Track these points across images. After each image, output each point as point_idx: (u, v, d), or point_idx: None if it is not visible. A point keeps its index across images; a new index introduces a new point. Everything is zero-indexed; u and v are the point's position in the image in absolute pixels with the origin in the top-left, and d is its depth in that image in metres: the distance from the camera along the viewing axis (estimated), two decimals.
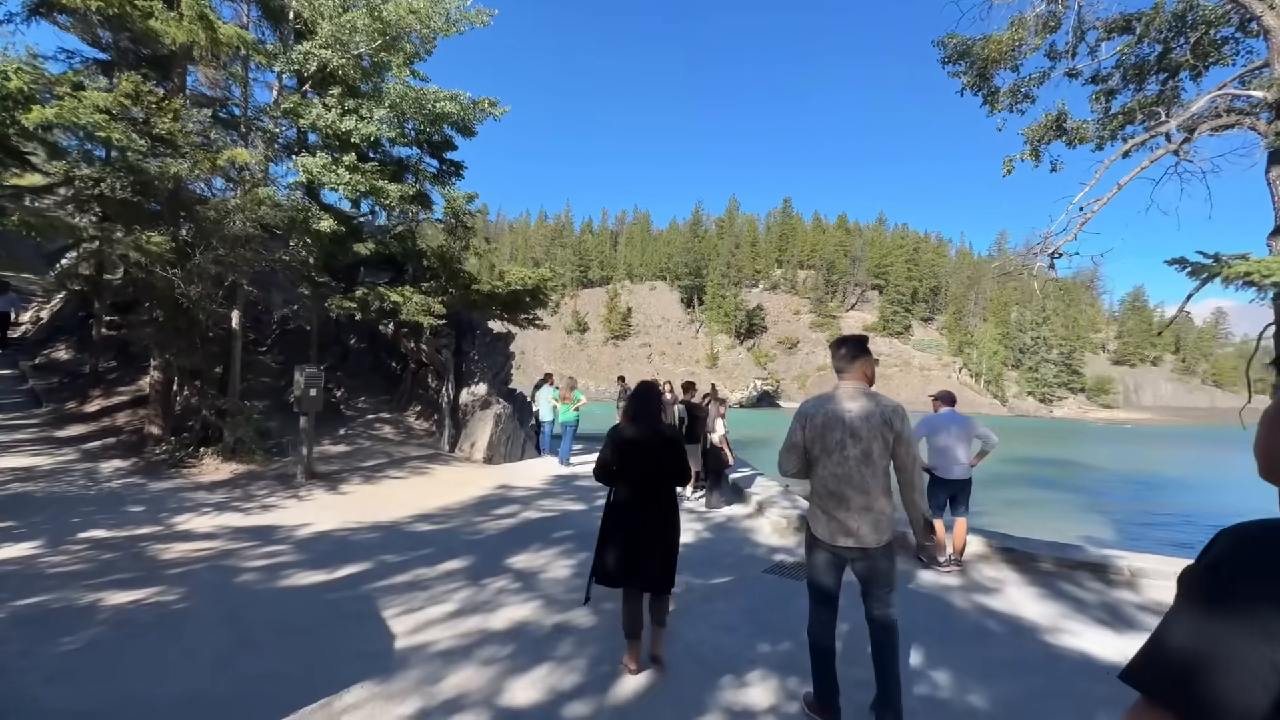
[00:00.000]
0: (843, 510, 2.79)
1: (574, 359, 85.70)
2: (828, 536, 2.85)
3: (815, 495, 2.93)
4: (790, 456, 2.98)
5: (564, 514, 7.58)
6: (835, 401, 2.90)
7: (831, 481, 2.82)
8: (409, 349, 12.28)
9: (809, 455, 2.92)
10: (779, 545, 6.84)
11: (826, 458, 2.84)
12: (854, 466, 2.79)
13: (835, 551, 2.87)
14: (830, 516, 2.83)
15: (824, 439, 2.85)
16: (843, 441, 2.81)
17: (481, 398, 11.72)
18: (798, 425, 2.93)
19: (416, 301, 10.17)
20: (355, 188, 8.98)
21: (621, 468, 3.36)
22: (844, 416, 2.84)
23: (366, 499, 7.66)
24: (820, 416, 2.88)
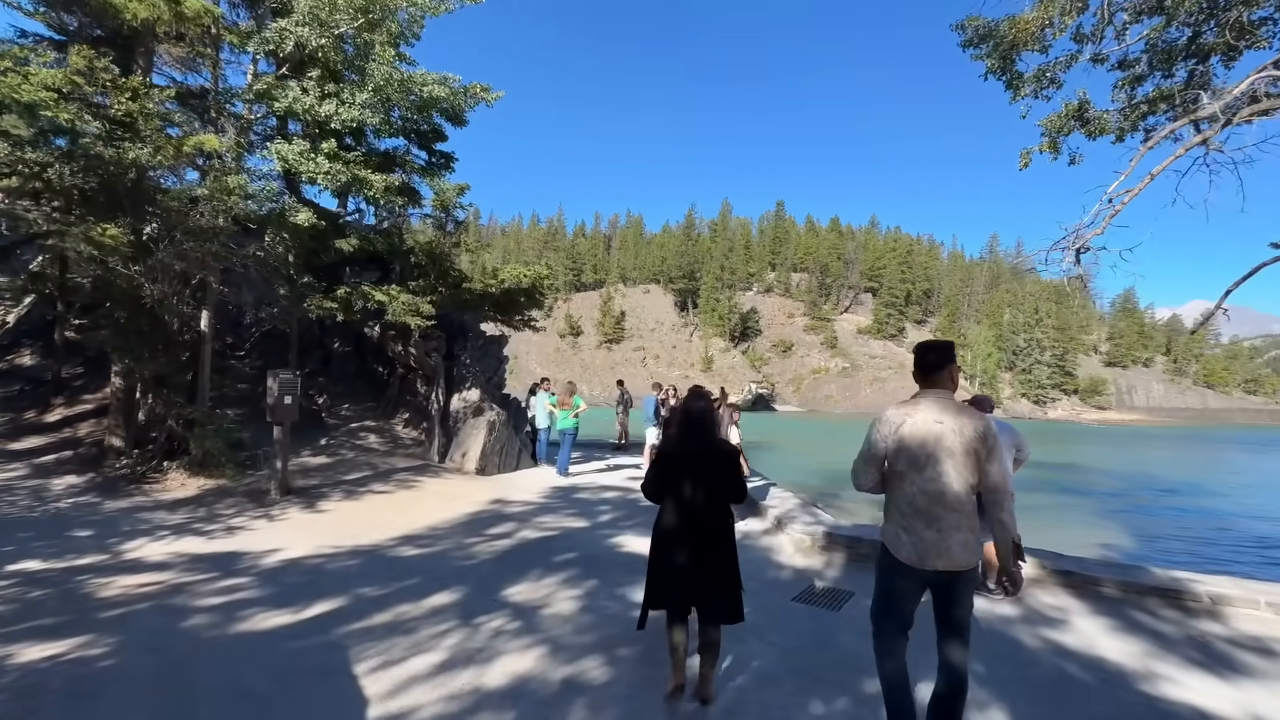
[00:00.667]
0: (933, 530, 2.55)
1: (567, 363, 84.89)
2: (915, 559, 2.57)
3: (897, 514, 2.65)
4: (869, 469, 2.72)
5: (565, 533, 6.88)
6: (924, 411, 2.62)
7: (921, 499, 2.56)
8: (396, 353, 11.55)
9: (890, 469, 2.67)
10: (804, 567, 6.18)
11: (916, 472, 2.57)
12: (948, 482, 2.53)
13: (921, 576, 2.60)
14: (919, 537, 2.57)
15: (912, 452, 2.58)
16: (935, 455, 2.55)
17: (474, 404, 11.00)
18: (878, 436, 2.66)
19: (403, 301, 9.46)
20: (336, 178, 8.27)
21: (671, 485, 3.13)
22: (936, 428, 2.57)
23: (346, 518, 6.93)
24: (907, 427, 2.61)
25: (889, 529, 2.70)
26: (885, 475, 2.71)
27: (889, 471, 2.68)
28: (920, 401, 2.68)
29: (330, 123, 8.24)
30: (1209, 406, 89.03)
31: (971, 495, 2.58)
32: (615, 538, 6.81)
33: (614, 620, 4.32)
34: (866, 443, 2.71)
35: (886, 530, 2.72)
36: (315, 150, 8.30)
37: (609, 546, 6.44)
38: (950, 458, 2.55)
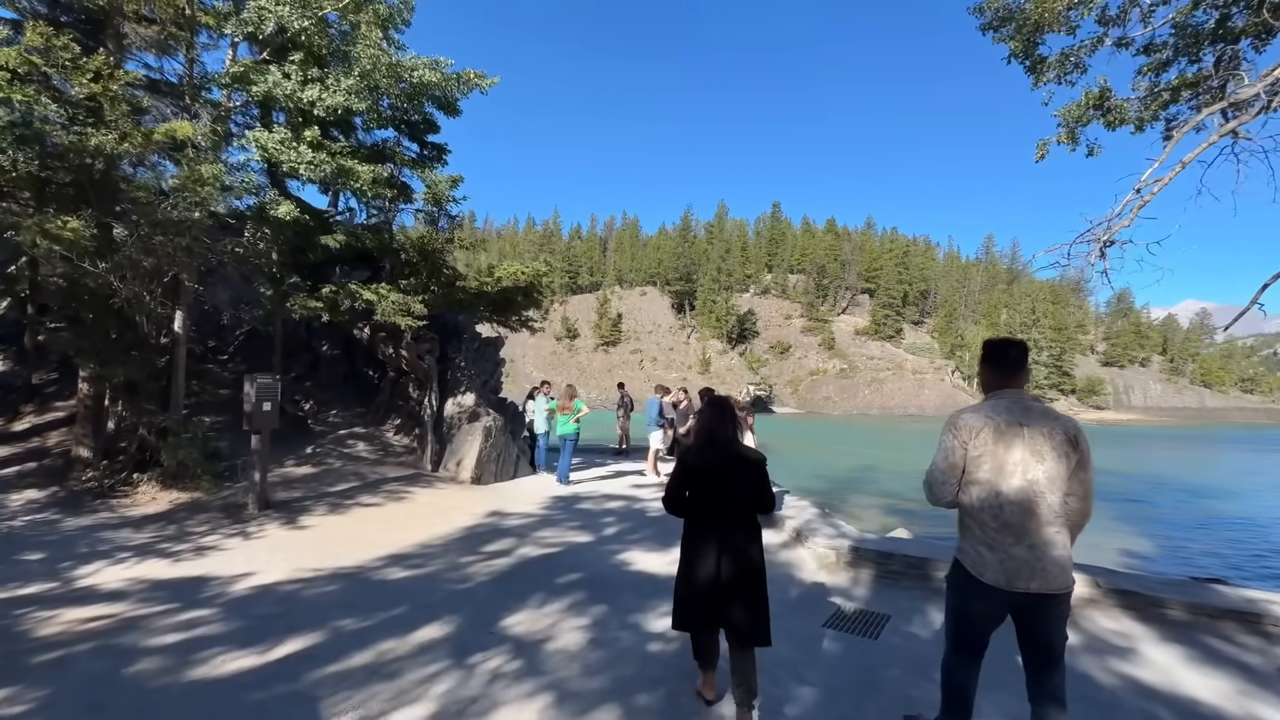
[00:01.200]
0: (1022, 546, 2.32)
1: (564, 366, 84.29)
2: (1002, 580, 2.33)
3: (979, 528, 2.41)
4: (949, 479, 2.45)
5: (568, 548, 6.33)
6: (1007, 413, 2.40)
7: (1009, 510, 2.33)
8: (387, 356, 10.99)
9: (970, 479, 2.42)
10: (829, 585, 5.67)
11: (1002, 481, 2.35)
12: (1041, 492, 2.32)
13: (1007, 599, 2.36)
14: (1006, 554, 2.33)
15: (997, 457, 2.35)
16: (1025, 461, 2.33)
17: (469, 409, 10.44)
18: (956, 442, 2.42)
19: (393, 300, 8.90)
20: (319, 169, 7.72)
21: (695, 497, 2.99)
22: (1023, 431, 2.36)
23: (330, 535, 6.36)
24: (990, 431, 2.37)
25: (968, 546, 2.44)
26: (962, 486, 2.46)
27: (968, 482, 2.42)
28: (999, 402, 2.44)
29: (313, 109, 7.69)
30: (1206, 405, 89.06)
31: (1065, 506, 2.36)
32: (622, 554, 6.27)
33: (629, 658, 3.78)
34: (942, 451, 2.46)
35: (965, 548, 2.46)
36: (297, 139, 7.74)
37: (616, 565, 5.89)
38: (1040, 463, 2.32)
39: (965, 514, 2.46)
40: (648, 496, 9.37)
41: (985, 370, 2.58)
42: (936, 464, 2.47)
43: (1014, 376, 2.50)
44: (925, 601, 5.24)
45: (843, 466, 26.30)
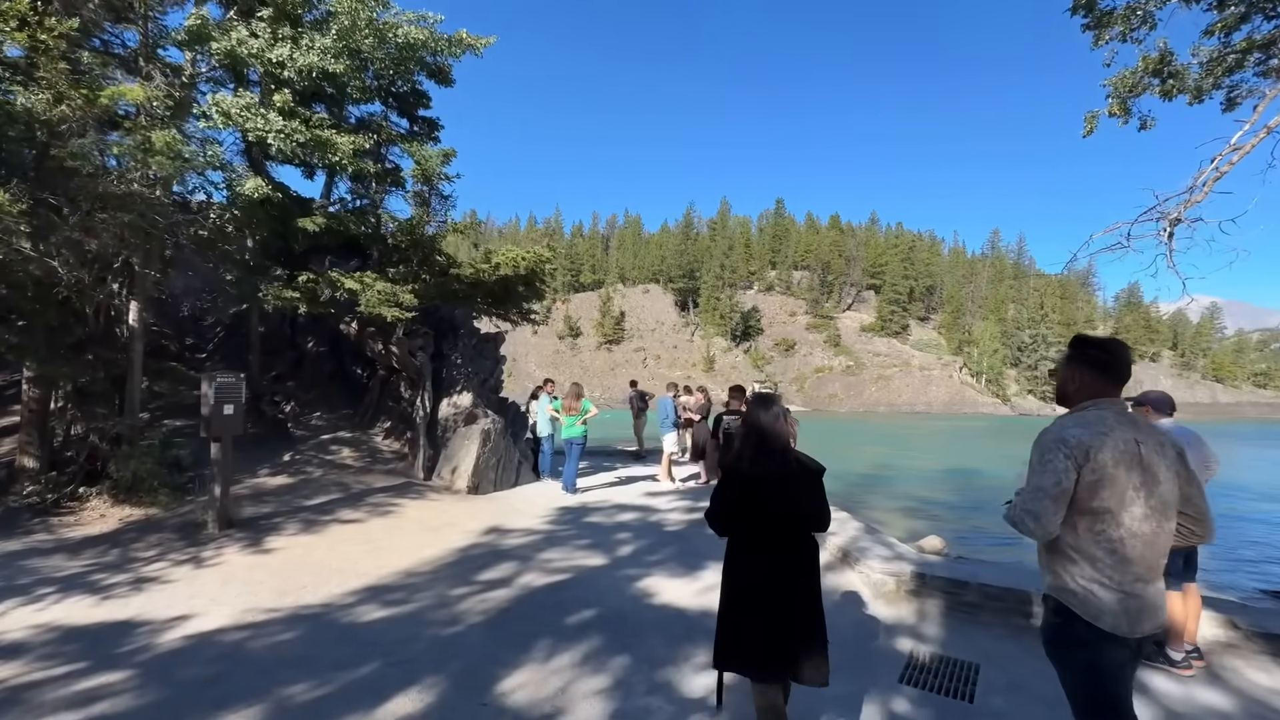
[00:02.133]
0: (1144, 583, 2.00)
1: (567, 365, 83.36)
2: (1124, 624, 1.98)
3: (1089, 563, 2.02)
4: (1057, 507, 2.01)
5: (578, 575, 5.37)
6: (1120, 428, 2.01)
7: (1131, 543, 1.98)
8: (376, 352, 10.04)
9: (1081, 506, 2.01)
10: (892, 620, 4.73)
11: (1123, 509, 1.98)
12: (1164, 520, 2.02)
13: (1130, 646, 2.02)
14: (1126, 593, 1.98)
15: (1118, 482, 1.98)
16: (1144, 485, 1.99)
17: (465, 410, 9.49)
18: (1068, 462, 1.99)
19: (379, 290, 7.96)
20: (291, 138, 6.77)
21: (744, 515, 2.63)
22: (1139, 449, 2.01)
23: (298, 560, 5.41)
24: (1108, 450, 1.97)
25: (1074, 584, 2.07)
26: (1082, 513, 2.08)
27: (1078, 511, 2.06)
28: (1104, 414, 2.09)
29: (284, 71, 6.74)
30: (1219, 401, 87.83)
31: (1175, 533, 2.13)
32: (642, 580, 5.31)
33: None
34: (1052, 474, 2.02)
35: (1071, 587, 2.08)
36: (266, 104, 6.79)
37: (637, 596, 4.94)
38: (1158, 486, 2.04)
39: (1069, 547, 2.06)
40: (664, 506, 8.42)
41: (1083, 374, 2.15)
42: (1045, 490, 2.01)
43: (1121, 383, 2.18)
44: (1014, 643, 4.29)
45: (857, 466, 25.25)
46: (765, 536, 2.59)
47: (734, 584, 2.67)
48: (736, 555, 2.68)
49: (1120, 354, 2.17)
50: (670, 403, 10.59)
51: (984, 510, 16.61)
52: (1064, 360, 2.22)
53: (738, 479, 2.63)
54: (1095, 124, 9.08)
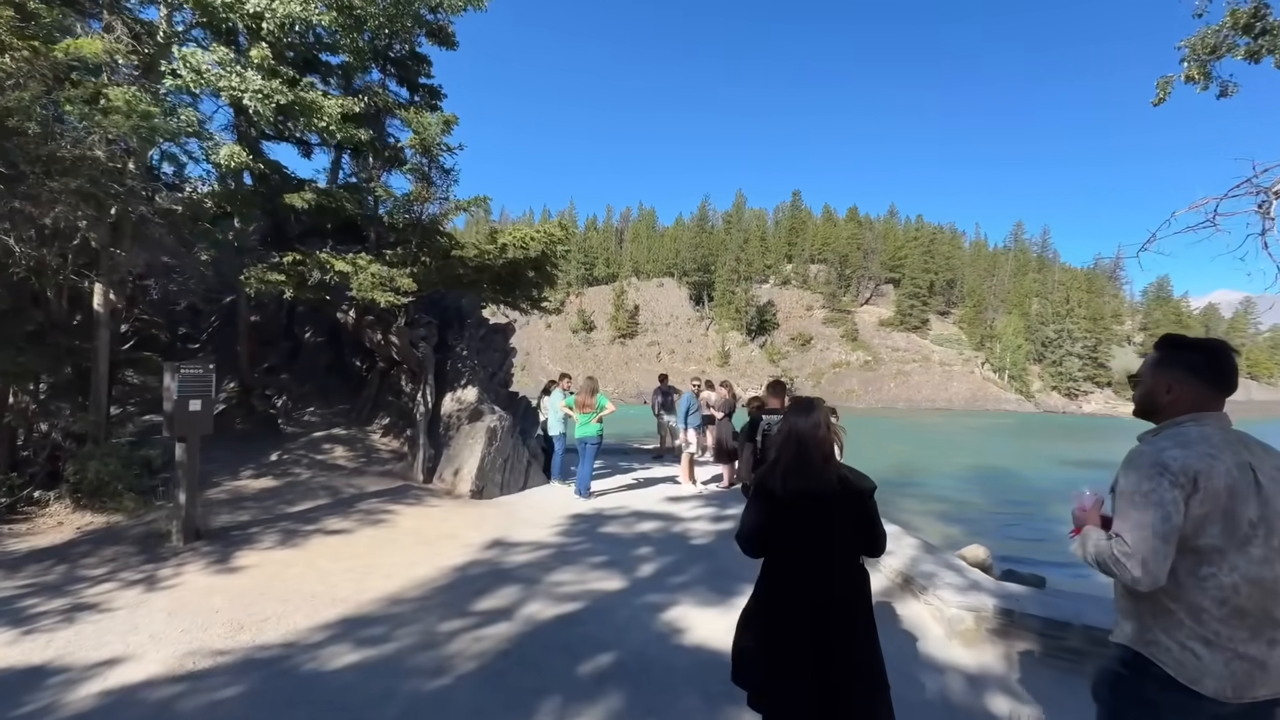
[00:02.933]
0: (1260, 642, 1.61)
1: (580, 359, 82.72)
2: (1228, 689, 1.61)
3: (1192, 616, 1.65)
4: (1167, 550, 1.61)
5: (593, 603, 4.55)
6: (1229, 449, 1.67)
7: (1246, 592, 1.61)
8: (375, 343, 9.29)
9: (1185, 545, 1.63)
10: (976, 669, 3.88)
11: (1237, 549, 1.63)
12: None
13: (1229, 713, 1.62)
14: (1234, 653, 1.61)
15: (1232, 517, 1.63)
16: (1263, 521, 1.63)
17: (470, 406, 8.71)
18: (1176, 492, 1.61)
19: (373, 273, 7.18)
20: (270, 99, 5.99)
21: (782, 540, 2.26)
22: (1254, 476, 1.65)
23: (267, 581, 4.64)
24: (1219, 477, 1.62)
25: (1169, 641, 1.66)
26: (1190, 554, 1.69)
27: (1193, 548, 1.65)
28: (1208, 432, 1.69)
29: (262, 23, 5.95)
30: (1254, 398, 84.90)
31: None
32: (668, 611, 4.48)
33: None
34: (1158, 509, 1.59)
35: (1164, 643, 1.66)
36: (243, 61, 6.02)
37: (663, 633, 4.10)
38: (1278, 521, 1.63)
39: (1165, 594, 1.66)
40: (687, 514, 7.58)
41: (1180, 382, 1.76)
42: (1150, 528, 1.60)
43: (1226, 393, 1.77)
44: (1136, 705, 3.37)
45: (881, 465, 24.14)
46: (805, 565, 2.23)
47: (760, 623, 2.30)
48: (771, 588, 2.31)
49: (1227, 358, 1.79)
50: (692, 397, 9.72)
51: (1026, 518, 15.59)
52: (1152, 364, 1.85)
53: (770, 499, 2.27)
54: (1169, 91, 7.99)
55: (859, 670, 2.21)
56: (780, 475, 2.30)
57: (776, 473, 2.32)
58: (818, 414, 2.37)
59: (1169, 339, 1.89)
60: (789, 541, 2.27)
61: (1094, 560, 1.76)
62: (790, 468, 2.30)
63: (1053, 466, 24.56)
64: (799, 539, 2.25)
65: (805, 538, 2.25)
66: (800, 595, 2.21)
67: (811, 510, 2.24)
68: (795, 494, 2.24)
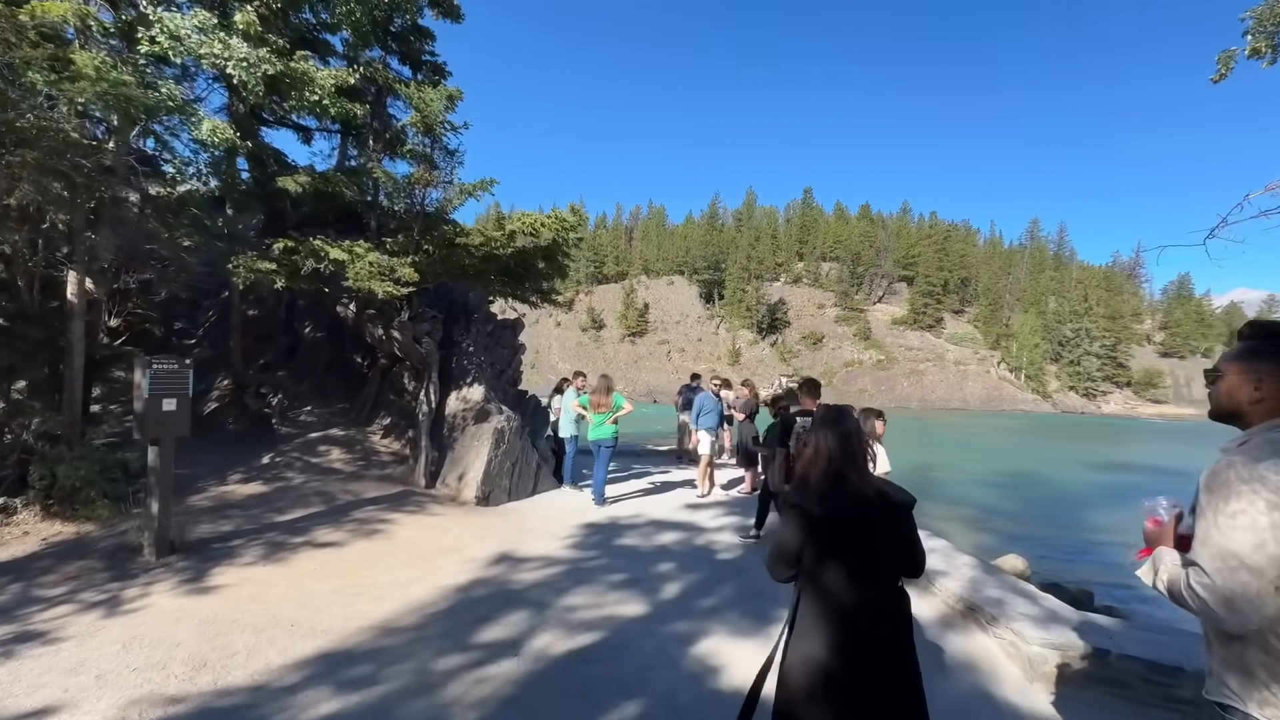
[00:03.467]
0: None
1: (590, 357, 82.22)
2: None
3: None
4: (1260, 584, 1.34)
5: (612, 632, 3.96)
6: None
7: None
8: (376, 338, 8.76)
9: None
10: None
11: None
12: None
13: None
14: None
15: None
16: None
17: (476, 406, 8.15)
18: (1278, 515, 1.33)
19: (371, 261, 6.64)
20: (256, 68, 5.45)
21: (819, 563, 2.03)
22: None
23: (241, 606, 4.09)
24: None
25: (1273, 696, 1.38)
26: None
27: None
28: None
29: None
30: None
31: None
32: (699, 643, 3.88)
33: None
34: (1247, 530, 1.34)
35: (1267, 699, 1.38)
36: (227, 27, 5.48)
37: (695, 673, 3.51)
38: None
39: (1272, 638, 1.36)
40: (710, 523, 6.98)
41: (1276, 376, 1.46)
42: (1242, 558, 1.32)
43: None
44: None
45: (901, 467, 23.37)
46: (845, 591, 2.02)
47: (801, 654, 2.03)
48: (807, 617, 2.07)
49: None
50: (710, 397, 9.06)
51: (1059, 524, 14.82)
52: (1236, 356, 1.56)
53: (807, 519, 2.07)
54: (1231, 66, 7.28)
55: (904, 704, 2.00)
56: (815, 494, 2.09)
57: (809, 491, 2.11)
58: (848, 423, 2.19)
59: (1259, 325, 1.60)
60: (828, 565, 2.05)
61: (1166, 590, 1.51)
62: (824, 487, 2.10)
63: (1081, 470, 23.69)
64: (840, 562, 2.04)
65: (848, 560, 2.04)
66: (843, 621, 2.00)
67: (853, 530, 2.05)
68: (828, 514, 2.06)
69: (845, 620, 1.99)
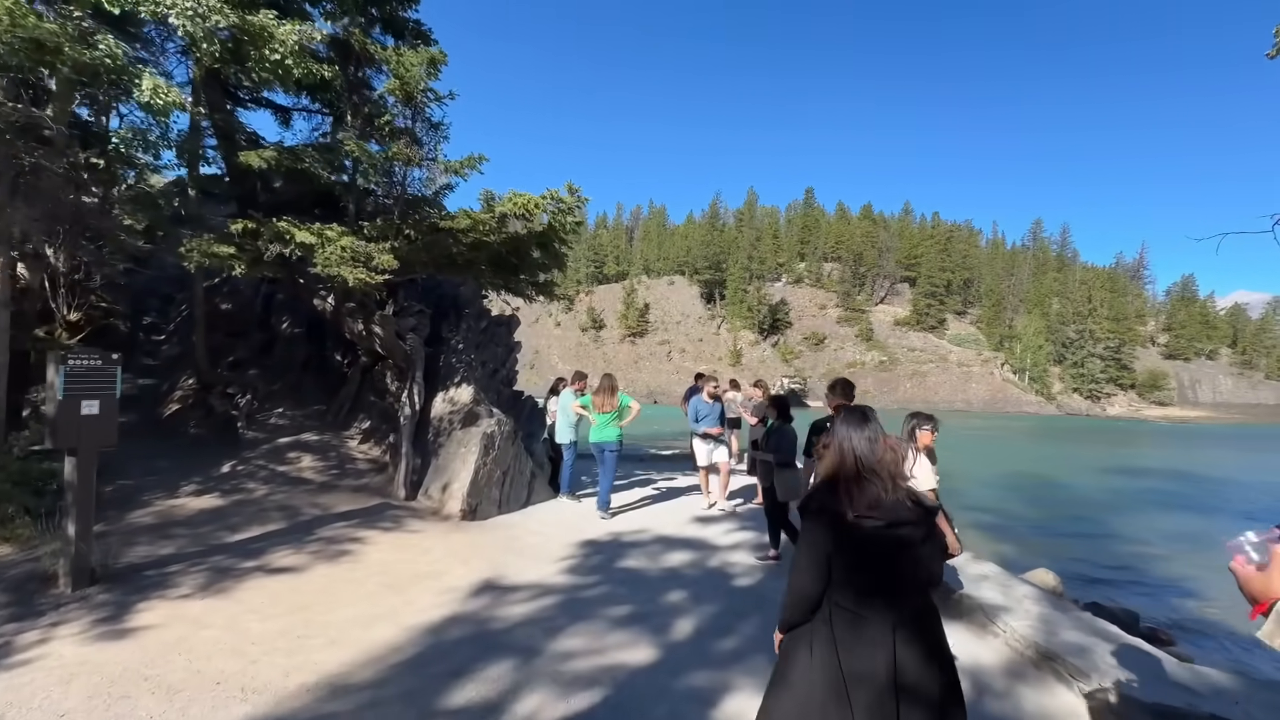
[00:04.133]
0: None
1: (589, 358, 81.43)
2: None
3: None
4: None
5: (616, 690, 3.20)
6: None
7: None
8: (356, 334, 8.01)
9: None
10: None
11: None
12: None
13: None
14: None
15: None
16: None
17: (464, 408, 7.41)
18: None
19: (344, 246, 5.89)
20: (205, 19, 4.71)
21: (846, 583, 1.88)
22: None
23: (163, 654, 3.34)
24: None
25: None
26: None
27: None
28: None
29: None
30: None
31: None
32: (723, 703, 3.13)
33: None
34: None
35: None
36: None
37: None
38: None
39: None
40: (722, 540, 6.24)
41: None
42: None
43: None
44: None
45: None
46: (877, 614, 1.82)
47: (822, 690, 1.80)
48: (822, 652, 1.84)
49: None
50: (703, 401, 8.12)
51: (1082, 532, 14.06)
52: None
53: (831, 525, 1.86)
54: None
55: None
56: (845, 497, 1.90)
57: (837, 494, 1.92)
58: (875, 425, 2.03)
59: None
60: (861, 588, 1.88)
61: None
62: (855, 494, 1.91)
63: (1095, 474, 22.92)
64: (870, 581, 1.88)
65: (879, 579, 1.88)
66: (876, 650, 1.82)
67: (888, 545, 1.88)
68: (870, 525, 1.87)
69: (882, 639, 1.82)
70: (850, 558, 1.89)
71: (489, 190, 6.25)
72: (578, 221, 6.65)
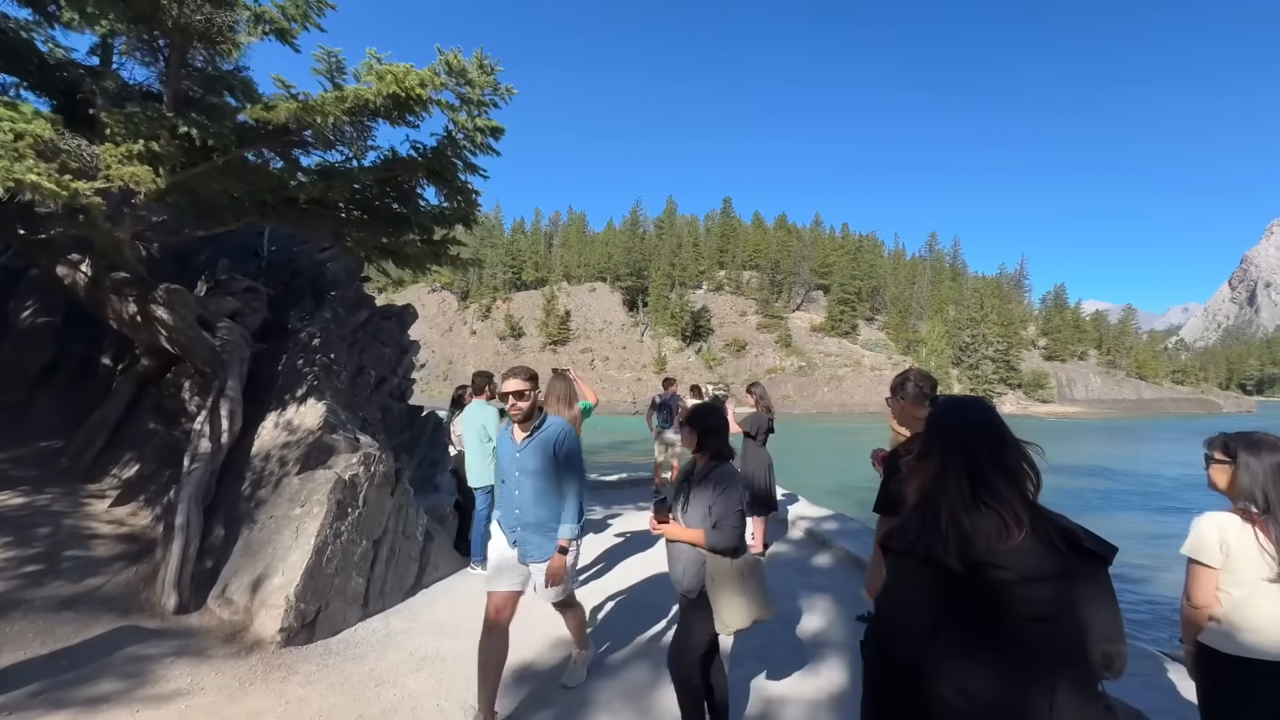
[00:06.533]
0: None
1: (508, 367, 76.96)
2: None
3: None
4: None
5: None
6: None
7: None
8: (127, 320, 4.88)
9: None
10: None
11: None
12: None
13: None
14: None
15: None
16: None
17: (310, 438, 4.50)
18: None
19: (34, 133, 2.92)
20: None
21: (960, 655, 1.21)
22: None
23: None
24: None
25: None
26: None
27: None
28: None
29: None
30: (1144, 397, 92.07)
31: None
32: None
33: None
34: None
35: None
36: None
37: None
38: None
39: None
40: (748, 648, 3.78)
41: None
42: None
43: None
44: None
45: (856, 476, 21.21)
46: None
47: None
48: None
49: None
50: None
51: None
52: None
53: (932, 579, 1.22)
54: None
55: None
56: (953, 539, 1.20)
57: (940, 532, 1.21)
58: (981, 410, 1.38)
59: None
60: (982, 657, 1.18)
61: None
62: (964, 525, 1.21)
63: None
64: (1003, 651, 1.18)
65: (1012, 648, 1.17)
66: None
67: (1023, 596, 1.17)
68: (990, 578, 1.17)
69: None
70: (961, 627, 1.19)
71: (327, 48, 3.46)
72: (495, 128, 4.00)
